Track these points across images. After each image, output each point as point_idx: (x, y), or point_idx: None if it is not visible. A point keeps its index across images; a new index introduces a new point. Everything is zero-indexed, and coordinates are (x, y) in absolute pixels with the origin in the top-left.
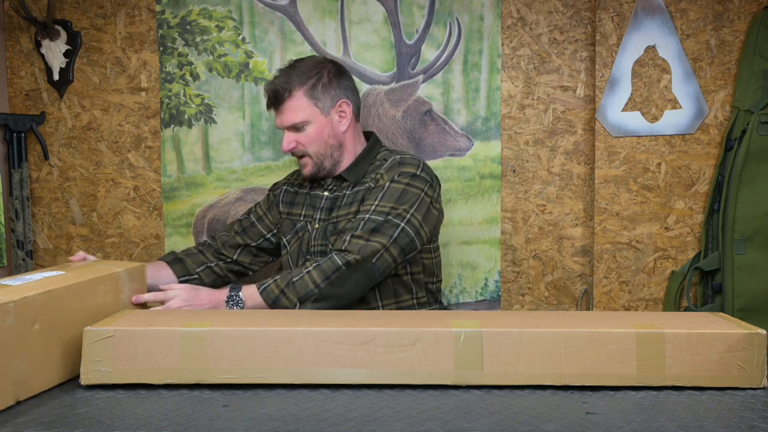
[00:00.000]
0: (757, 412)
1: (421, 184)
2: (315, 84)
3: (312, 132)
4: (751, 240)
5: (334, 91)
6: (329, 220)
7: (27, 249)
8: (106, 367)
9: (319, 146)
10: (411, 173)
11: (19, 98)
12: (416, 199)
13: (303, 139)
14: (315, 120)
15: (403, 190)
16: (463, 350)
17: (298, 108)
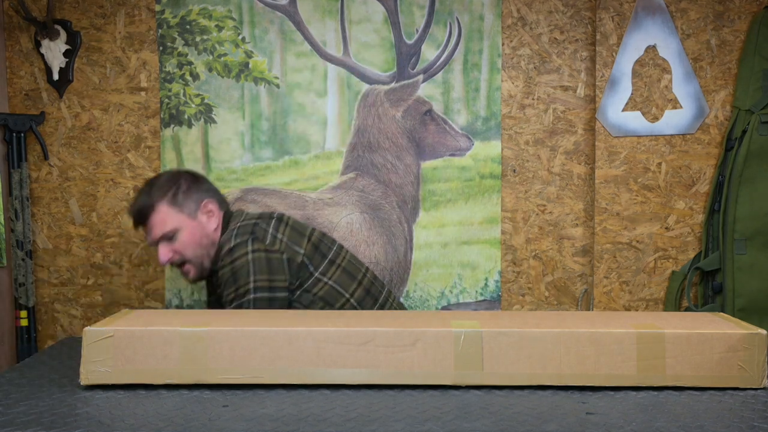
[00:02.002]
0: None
1: (240, 251)
2: (175, 193)
3: (185, 238)
4: (752, 240)
5: (196, 194)
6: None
7: (26, 249)
8: (105, 367)
9: (195, 249)
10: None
11: (19, 98)
12: (246, 266)
13: (178, 247)
14: (184, 225)
15: (231, 270)
16: (463, 350)
17: (165, 219)
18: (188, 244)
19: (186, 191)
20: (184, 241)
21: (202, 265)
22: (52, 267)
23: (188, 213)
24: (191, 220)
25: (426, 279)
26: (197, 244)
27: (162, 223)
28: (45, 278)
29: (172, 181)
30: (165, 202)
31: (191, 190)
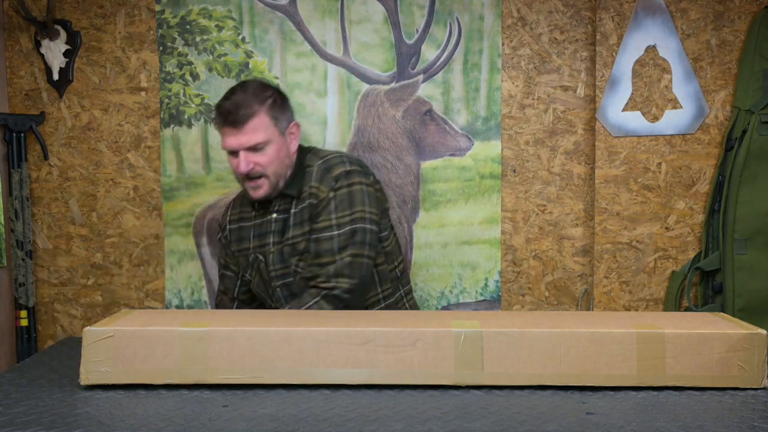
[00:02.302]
0: (757, 412)
1: (357, 178)
2: (273, 103)
3: (272, 152)
4: (752, 240)
5: (287, 112)
6: (283, 243)
7: (26, 249)
8: (105, 367)
9: (277, 167)
10: (344, 173)
11: (19, 98)
12: (363, 195)
13: (262, 159)
14: (275, 140)
15: (348, 194)
16: (463, 350)
17: (261, 127)
18: (273, 160)
19: (281, 104)
20: (270, 155)
21: (276, 185)
22: (52, 267)
23: (280, 128)
24: (280, 136)
25: (426, 279)
26: (280, 162)
27: (256, 131)
28: (45, 278)
29: (268, 89)
30: (265, 109)
31: (285, 104)
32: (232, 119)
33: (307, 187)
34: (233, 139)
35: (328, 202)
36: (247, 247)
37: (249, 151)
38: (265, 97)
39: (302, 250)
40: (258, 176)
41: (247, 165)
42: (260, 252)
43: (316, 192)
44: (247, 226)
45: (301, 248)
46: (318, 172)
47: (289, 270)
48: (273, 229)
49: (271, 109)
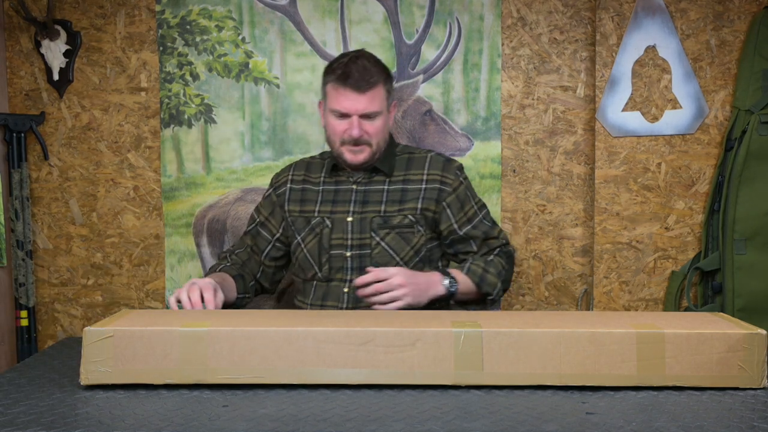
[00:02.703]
0: (757, 412)
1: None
2: (388, 78)
3: (380, 124)
4: (752, 240)
5: (393, 90)
6: (371, 214)
7: (27, 249)
8: (105, 367)
9: (380, 139)
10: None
11: (19, 98)
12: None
13: (371, 128)
14: (383, 113)
15: (468, 187)
16: (463, 350)
17: (378, 97)
18: (379, 131)
19: (392, 82)
20: (377, 126)
21: (374, 155)
22: (52, 267)
23: (389, 103)
24: (387, 111)
25: None
26: (383, 134)
27: (374, 100)
28: (45, 278)
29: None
30: (383, 81)
31: (393, 83)
32: (355, 83)
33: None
34: (351, 102)
35: (464, 190)
36: (311, 210)
37: (362, 118)
38: (385, 70)
39: (395, 225)
40: (362, 143)
41: (360, 131)
42: (328, 217)
43: (441, 179)
44: (313, 189)
45: (395, 223)
46: (436, 162)
47: (370, 242)
48: (353, 198)
49: (387, 82)
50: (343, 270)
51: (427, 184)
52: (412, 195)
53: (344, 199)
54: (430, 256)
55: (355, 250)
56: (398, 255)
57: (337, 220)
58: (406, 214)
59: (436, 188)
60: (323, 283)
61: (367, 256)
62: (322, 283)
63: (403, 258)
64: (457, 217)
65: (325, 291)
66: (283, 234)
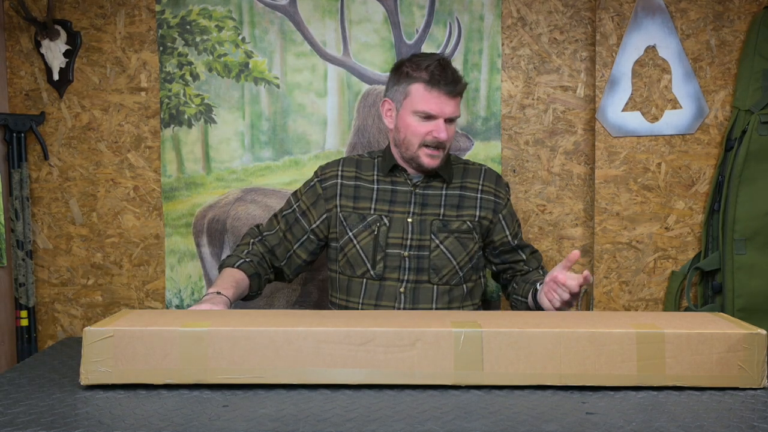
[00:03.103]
0: (757, 412)
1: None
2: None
3: (454, 129)
4: (751, 240)
5: None
6: (425, 215)
7: (27, 249)
8: (105, 367)
9: (451, 144)
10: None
11: (19, 98)
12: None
13: (450, 133)
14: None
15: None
16: (463, 350)
17: (459, 104)
18: (453, 137)
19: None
20: (453, 131)
21: (444, 160)
22: (52, 267)
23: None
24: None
25: None
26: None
27: (458, 105)
28: (45, 278)
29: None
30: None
31: None
32: (450, 87)
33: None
34: (441, 105)
35: (512, 206)
36: (367, 207)
37: (447, 122)
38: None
39: (454, 229)
40: (442, 147)
41: (447, 133)
42: (386, 216)
43: (495, 192)
44: (367, 186)
45: (453, 228)
46: (490, 175)
47: (429, 244)
48: (413, 200)
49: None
50: (399, 270)
51: (482, 194)
52: (470, 203)
53: (403, 200)
54: (478, 264)
55: (413, 251)
56: (455, 259)
57: (396, 220)
58: (465, 220)
59: (492, 200)
60: (375, 281)
61: (425, 258)
62: (374, 281)
63: (459, 263)
64: (510, 228)
65: (378, 290)
66: (321, 227)
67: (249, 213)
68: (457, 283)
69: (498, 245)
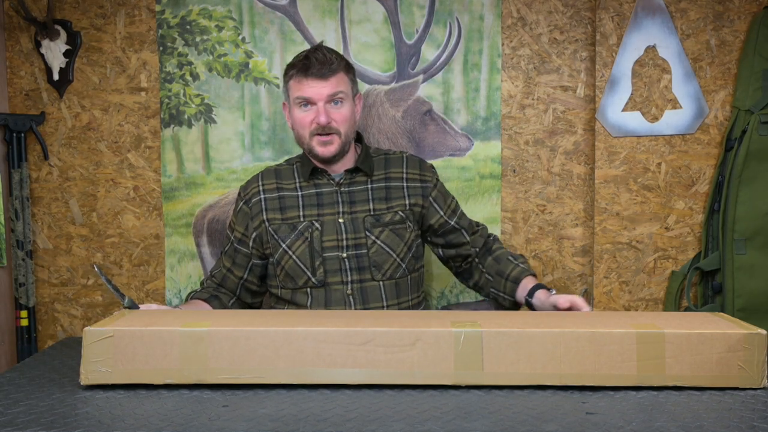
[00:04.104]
0: (757, 412)
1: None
2: (349, 67)
3: (346, 111)
4: (752, 240)
5: (356, 80)
6: (356, 213)
7: (27, 249)
8: (105, 367)
9: (348, 128)
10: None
11: (19, 98)
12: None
13: (337, 116)
14: (348, 100)
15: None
16: (463, 350)
17: (342, 83)
18: (347, 118)
19: (353, 72)
20: (344, 113)
21: (343, 148)
22: (52, 267)
23: (353, 92)
24: (352, 100)
25: (426, 279)
26: (350, 125)
27: (339, 84)
28: (45, 278)
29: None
30: (344, 69)
31: (355, 73)
32: (317, 71)
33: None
34: (315, 88)
35: (442, 186)
36: (295, 215)
37: (328, 104)
38: (343, 58)
39: (387, 222)
40: (331, 132)
41: (327, 117)
42: (317, 220)
43: (420, 177)
44: (291, 195)
45: (386, 220)
46: (413, 162)
47: (366, 241)
48: (340, 199)
49: (348, 71)
50: (341, 272)
51: (408, 182)
52: (397, 192)
53: (330, 201)
54: (417, 253)
55: (351, 251)
56: (394, 251)
57: (327, 222)
58: (396, 210)
59: (419, 186)
60: (320, 288)
61: (365, 256)
62: (319, 288)
63: (399, 254)
64: (443, 209)
65: (326, 296)
66: (257, 247)
67: None
68: (402, 275)
69: (437, 228)
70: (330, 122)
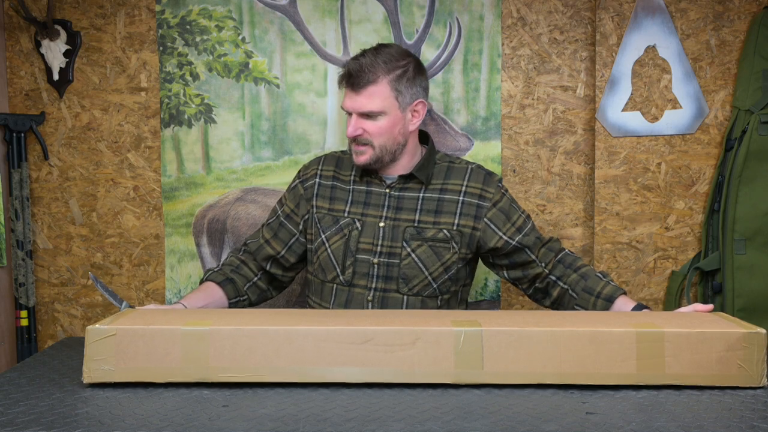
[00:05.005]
0: (757, 412)
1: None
2: (401, 75)
3: (384, 124)
4: (751, 240)
5: (415, 88)
6: (404, 222)
7: (27, 249)
8: (108, 365)
9: (386, 140)
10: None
11: (19, 98)
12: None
13: (372, 128)
14: (391, 113)
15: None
16: (463, 349)
17: (380, 96)
18: (384, 132)
19: (411, 78)
20: (382, 127)
21: (381, 158)
22: (52, 267)
23: (401, 102)
24: (399, 111)
25: None
26: (392, 137)
27: (373, 98)
28: (45, 278)
29: (404, 60)
30: (389, 79)
31: (415, 80)
32: (352, 81)
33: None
34: (349, 100)
35: (508, 202)
36: (341, 209)
37: (361, 117)
38: (395, 66)
39: (428, 238)
40: (364, 143)
41: (354, 129)
42: (359, 219)
43: (480, 193)
44: (343, 187)
45: (428, 236)
46: (477, 175)
47: (400, 252)
48: (387, 203)
49: (396, 80)
50: (368, 277)
51: (465, 196)
52: (449, 208)
53: (377, 203)
54: (457, 275)
55: (383, 258)
56: (427, 269)
57: (368, 224)
58: (441, 228)
59: (475, 203)
60: (345, 287)
61: (395, 266)
62: (344, 287)
63: (432, 273)
64: (504, 229)
65: (347, 297)
66: (305, 228)
67: (249, 213)
68: (431, 294)
69: (499, 248)
70: (361, 134)
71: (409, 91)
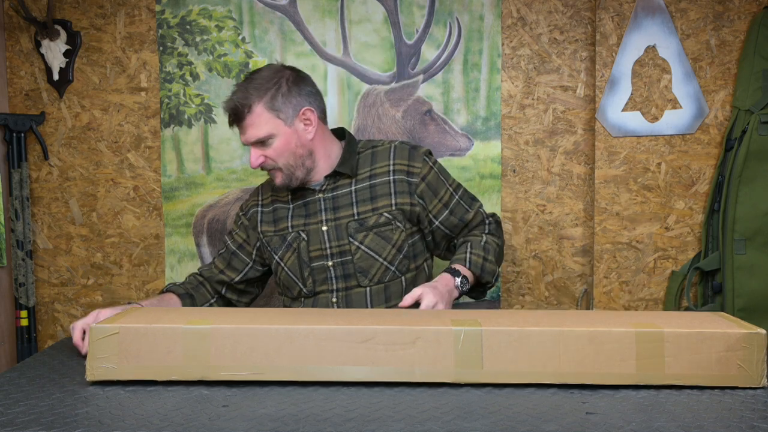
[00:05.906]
0: (757, 412)
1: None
2: (274, 95)
3: (279, 145)
4: (751, 240)
5: (295, 99)
6: (345, 219)
7: (27, 249)
8: (111, 363)
9: (288, 158)
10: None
11: (19, 98)
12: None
13: (270, 153)
14: (280, 132)
15: (440, 169)
16: (463, 348)
17: (260, 123)
18: (282, 152)
19: (286, 94)
20: (277, 148)
21: (293, 174)
22: (52, 267)
23: (285, 119)
24: (287, 127)
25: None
26: (291, 153)
27: (256, 126)
28: (45, 278)
29: (273, 79)
30: (262, 104)
31: (291, 93)
32: (233, 119)
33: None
34: (241, 135)
35: (436, 175)
36: (285, 227)
37: (257, 146)
38: (266, 89)
39: (372, 225)
40: (271, 168)
41: (256, 159)
42: (303, 230)
43: (407, 168)
44: (283, 207)
45: (371, 224)
46: (401, 151)
47: (350, 247)
48: (323, 207)
49: (270, 101)
50: (328, 280)
51: (395, 175)
52: (383, 190)
53: (314, 210)
54: (413, 251)
55: (336, 258)
56: (380, 256)
57: (312, 232)
58: (381, 212)
59: (405, 180)
60: (311, 297)
61: (350, 263)
62: (309, 298)
63: (386, 258)
64: (431, 206)
65: (313, 305)
66: (259, 256)
67: None
68: (392, 278)
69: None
70: (263, 161)
71: (289, 105)
